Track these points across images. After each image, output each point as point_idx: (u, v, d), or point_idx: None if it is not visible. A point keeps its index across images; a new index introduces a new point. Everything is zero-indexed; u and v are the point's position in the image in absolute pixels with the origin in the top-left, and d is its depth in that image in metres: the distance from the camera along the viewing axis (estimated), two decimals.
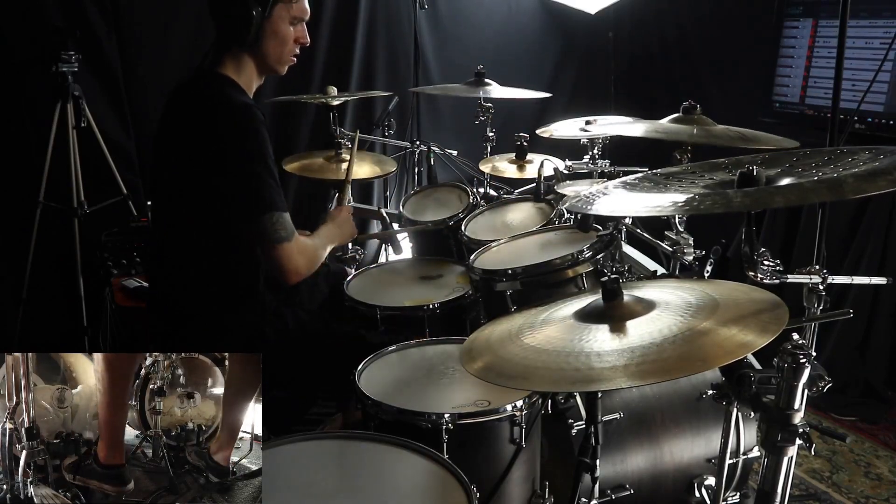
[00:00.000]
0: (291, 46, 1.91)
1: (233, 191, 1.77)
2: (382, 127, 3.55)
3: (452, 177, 3.58)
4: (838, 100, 2.06)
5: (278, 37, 1.86)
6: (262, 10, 1.81)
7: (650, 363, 1.09)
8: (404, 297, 2.21)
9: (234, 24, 1.81)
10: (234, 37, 1.83)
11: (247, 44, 1.83)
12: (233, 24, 1.81)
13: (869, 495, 2.42)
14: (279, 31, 1.86)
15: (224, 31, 1.85)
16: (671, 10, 4.10)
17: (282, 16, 1.85)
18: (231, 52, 1.86)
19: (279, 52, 1.89)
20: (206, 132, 1.80)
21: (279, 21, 1.85)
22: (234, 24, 1.81)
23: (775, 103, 3.34)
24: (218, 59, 1.87)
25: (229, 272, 1.88)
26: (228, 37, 1.85)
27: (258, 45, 1.85)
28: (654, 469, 1.75)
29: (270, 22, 1.84)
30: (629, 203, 1.33)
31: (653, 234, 1.95)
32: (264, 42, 1.85)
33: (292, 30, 1.89)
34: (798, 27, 3.24)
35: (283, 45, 1.88)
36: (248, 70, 1.89)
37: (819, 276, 1.28)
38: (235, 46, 1.85)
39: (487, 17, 4.19)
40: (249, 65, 1.89)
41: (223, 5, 1.83)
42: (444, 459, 1.34)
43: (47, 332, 3.13)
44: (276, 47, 1.87)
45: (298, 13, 1.88)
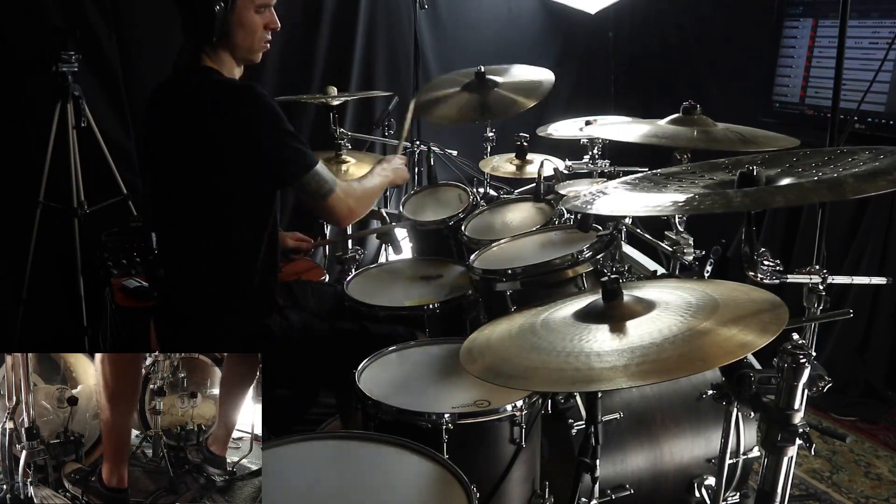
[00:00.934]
0: (261, 34, 1.90)
1: (263, 163, 1.80)
2: (382, 127, 3.54)
3: (452, 177, 3.58)
4: (838, 100, 2.06)
5: (245, 27, 1.85)
6: (224, 5, 1.80)
7: (650, 363, 1.09)
8: (404, 297, 2.21)
9: (200, 22, 1.80)
10: (203, 34, 1.83)
11: (216, 39, 1.83)
12: (198, 22, 1.81)
13: (869, 495, 2.42)
14: (246, 21, 1.85)
15: (192, 30, 1.85)
16: (671, 10, 4.10)
17: (246, 5, 1.84)
18: (205, 47, 1.86)
19: (250, 42, 1.88)
20: (210, 122, 1.79)
21: (244, 11, 1.84)
22: (200, 22, 1.80)
23: (775, 103, 3.34)
24: (196, 54, 1.87)
25: (229, 272, 1.88)
26: (197, 34, 1.84)
27: (228, 38, 1.85)
28: (654, 469, 1.75)
29: (235, 14, 1.83)
30: (629, 203, 1.33)
31: (653, 234, 1.95)
32: (233, 34, 1.85)
33: (259, 17, 1.87)
34: (798, 27, 3.23)
35: (253, 34, 1.87)
36: (226, 61, 1.89)
37: (819, 276, 1.28)
38: (205, 43, 1.85)
39: (487, 17, 4.19)
40: (226, 56, 1.89)
41: (187, 4, 1.83)
42: (444, 459, 1.34)
43: (47, 332, 3.13)
44: (245, 38, 1.87)
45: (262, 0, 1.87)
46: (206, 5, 1.78)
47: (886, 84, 2.81)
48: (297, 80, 3.58)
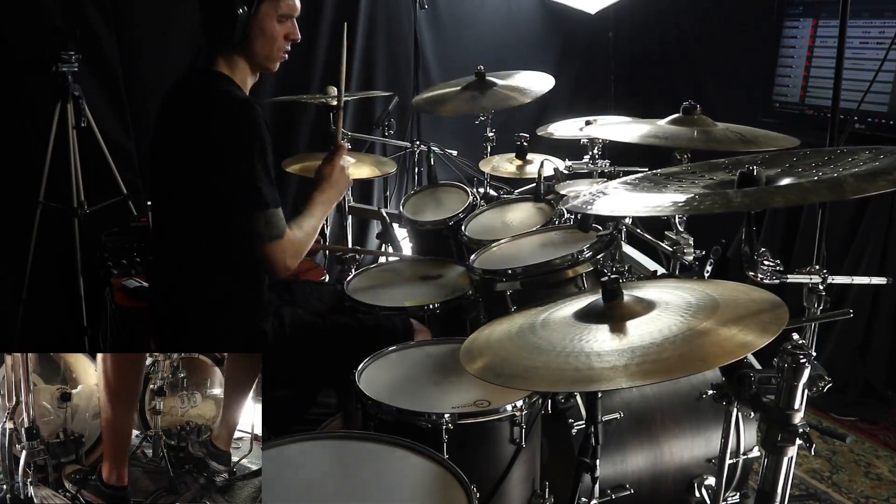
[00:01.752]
0: (281, 44, 1.89)
1: (228, 186, 1.77)
2: (382, 127, 3.55)
3: (452, 177, 3.58)
4: (838, 100, 2.06)
5: (266, 35, 1.85)
6: (247, 10, 1.80)
7: (650, 363, 1.09)
8: (404, 297, 2.21)
9: (221, 25, 1.80)
10: (222, 37, 1.82)
11: (235, 43, 1.83)
12: (219, 25, 1.81)
13: (869, 495, 2.42)
14: (267, 29, 1.85)
15: (211, 32, 1.85)
16: (671, 10, 4.10)
17: (269, 13, 1.84)
18: (222, 51, 1.86)
19: (268, 51, 1.88)
20: (203, 129, 1.79)
21: (266, 19, 1.84)
22: (221, 25, 1.80)
23: (775, 103, 3.34)
24: (212, 57, 1.87)
25: (229, 272, 1.88)
26: (216, 37, 1.84)
27: (246, 44, 1.85)
28: (654, 469, 1.75)
29: (257, 20, 1.82)
30: (629, 203, 1.33)
31: (653, 234, 1.95)
32: (252, 41, 1.84)
33: (280, 27, 1.87)
34: (798, 27, 3.24)
35: (272, 42, 1.87)
36: (241, 68, 1.89)
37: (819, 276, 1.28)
38: (224, 46, 1.85)
39: (487, 17, 4.19)
40: (241, 63, 1.88)
41: (209, 6, 1.82)
42: (444, 459, 1.34)
43: (47, 332, 3.13)
44: (264, 46, 1.86)
45: (286, 10, 1.87)
46: (229, 8, 1.78)
47: (889, 84, 2.81)
48: (297, 80, 3.58)
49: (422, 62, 3.85)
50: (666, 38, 4.17)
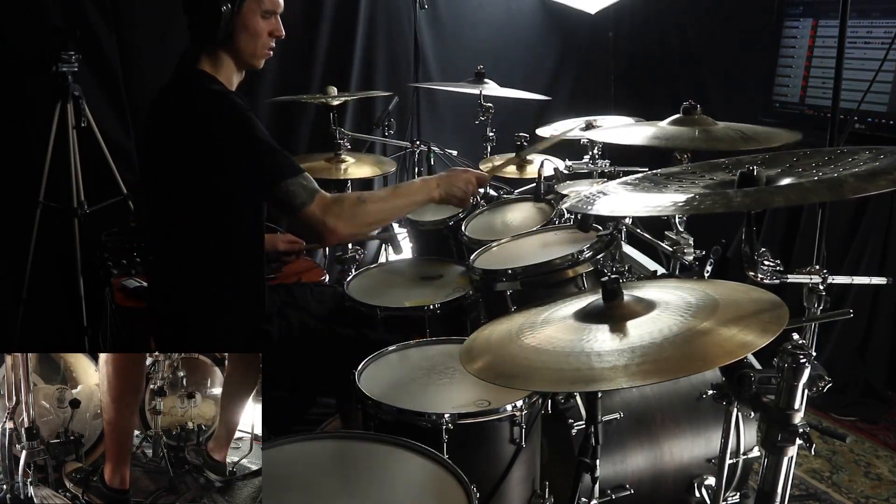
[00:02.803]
0: (265, 40, 1.90)
1: (238, 173, 1.77)
2: (382, 127, 3.55)
3: None
4: (838, 100, 2.06)
5: (250, 31, 1.85)
6: (231, 7, 1.80)
7: (650, 363, 1.09)
8: (404, 297, 2.21)
9: (205, 22, 1.81)
10: (206, 34, 1.83)
11: (219, 41, 1.83)
12: (203, 22, 1.81)
13: (869, 495, 2.42)
14: (250, 25, 1.85)
15: (196, 29, 1.85)
16: (671, 10, 4.10)
17: (252, 10, 1.84)
18: (206, 49, 1.86)
19: (252, 47, 1.88)
20: (192, 128, 1.79)
21: (250, 15, 1.84)
22: (205, 22, 1.81)
23: (775, 103, 3.34)
24: (196, 56, 1.87)
25: (229, 272, 1.88)
26: (200, 34, 1.85)
27: (231, 42, 1.85)
28: (654, 469, 1.75)
29: (241, 17, 1.83)
30: (629, 203, 1.33)
31: (653, 234, 1.95)
32: (236, 37, 1.85)
33: (265, 23, 1.87)
34: (798, 27, 3.24)
35: (256, 39, 1.87)
36: (225, 65, 1.89)
37: (819, 276, 1.28)
38: (208, 43, 1.85)
39: (487, 17, 4.19)
40: (226, 60, 1.89)
41: (194, 4, 1.83)
42: (444, 459, 1.34)
43: (47, 332, 3.13)
44: (248, 42, 1.87)
45: (270, 6, 1.87)
46: (213, 6, 1.78)
47: (887, 84, 2.81)
48: (297, 80, 3.58)
49: (422, 62, 3.85)
50: (666, 38, 4.17)
